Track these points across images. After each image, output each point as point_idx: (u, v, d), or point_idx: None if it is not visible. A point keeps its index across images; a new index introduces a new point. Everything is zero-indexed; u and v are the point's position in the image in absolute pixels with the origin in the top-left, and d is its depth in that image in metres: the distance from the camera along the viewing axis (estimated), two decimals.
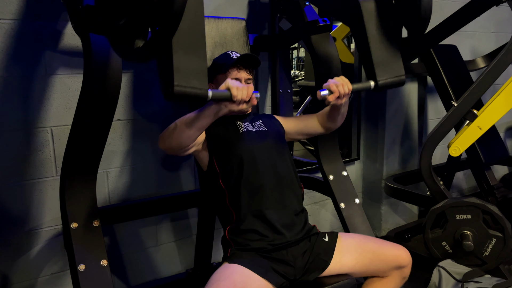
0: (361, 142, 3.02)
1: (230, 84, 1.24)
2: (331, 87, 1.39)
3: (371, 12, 1.40)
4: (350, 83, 1.40)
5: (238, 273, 1.37)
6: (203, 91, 1.13)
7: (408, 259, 1.57)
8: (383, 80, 1.39)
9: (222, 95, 1.22)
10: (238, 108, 1.27)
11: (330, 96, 1.38)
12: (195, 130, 1.35)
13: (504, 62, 2.13)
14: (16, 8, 1.72)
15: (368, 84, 1.40)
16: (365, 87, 1.41)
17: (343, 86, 1.39)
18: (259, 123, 1.67)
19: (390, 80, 1.41)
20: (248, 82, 1.63)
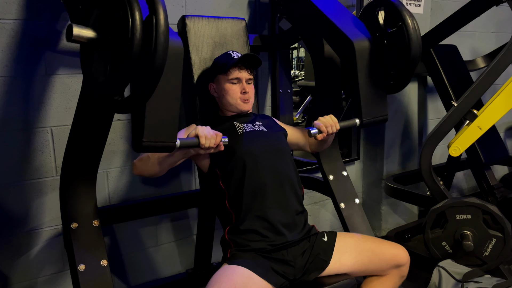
0: (361, 142, 3.02)
1: (199, 132, 1.32)
2: (321, 128, 1.56)
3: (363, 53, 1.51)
4: (338, 123, 1.57)
5: (238, 274, 1.36)
6: (170, 144, 1.23)
7: (406, 258, 1.58)
8: (367, 120, 1.56)
9: (190, 143, 1.32)
10: (205, 153, 1.38)
11: (319, 136, 1.57)
12: (166, 166, 1.45)
13: (504, 62, 2.13)
14: (16, 8, 1.72)
15: (353, 122, 1.57)
16: (351, 125, 1.58)
17: (332, 127, 1.57)
18: (259, 124, 1.67)
19: (373, 119, 1.57)
20: (249, 82, 1.63)
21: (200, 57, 1.79)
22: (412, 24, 1.45)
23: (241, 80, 1.61)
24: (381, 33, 1.57)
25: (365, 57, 1.51)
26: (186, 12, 2.10)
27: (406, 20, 1.45)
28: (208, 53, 1.81)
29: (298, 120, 4.55)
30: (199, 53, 1.78)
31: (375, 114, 1.57)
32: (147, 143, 1.18)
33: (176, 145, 1.25)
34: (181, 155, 1.42)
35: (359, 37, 1.51)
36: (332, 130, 1.57)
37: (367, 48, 1.51)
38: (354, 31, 1.53)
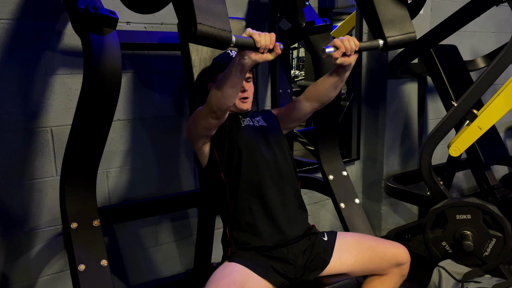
0: (361, 142, 3.02)
1: (251, 31, 1.20)
2: (336, 42, 1.31)
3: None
4: (356, 40, 1.32)
5: (238, 272, 1.37)
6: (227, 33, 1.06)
7: (406, 257, 1.58)
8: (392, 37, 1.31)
9: (246, 42, 1.15)
10: (263, 57, 1.22)
11: (336, 52, 1.29)
12: (228, 88, 1.31)
13: (504, 62, 2.13)
14: (16, 8, 1.72)
15: (376, 43, 1.32)
16: (373, 46, 1.33)
17: (349, 41, 1.31)
18: (258, 119, 1.67)
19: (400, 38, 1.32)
20: (248, 80, 1.63)
21: (200, 57, 1.79)
22: None
23: None
24: None
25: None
26: None
27: None
28: (208, 53, 1.81)
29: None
30: (199, 53, 1.78)
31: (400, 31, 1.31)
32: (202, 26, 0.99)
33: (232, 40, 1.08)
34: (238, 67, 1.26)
35: None
36: (350, 45, 1.30)
37: None
38: None
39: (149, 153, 2.13)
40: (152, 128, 2.12)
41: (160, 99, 2.12)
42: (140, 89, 2.06)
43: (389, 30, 1.30)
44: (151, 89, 2.09)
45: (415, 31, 1.35)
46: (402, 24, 1.33)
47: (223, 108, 1.38)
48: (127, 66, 2.00)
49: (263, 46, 1.20)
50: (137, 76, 2.04)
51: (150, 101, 2.09)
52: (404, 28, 1.33)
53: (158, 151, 2.15)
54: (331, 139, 2.00)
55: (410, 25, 1.34)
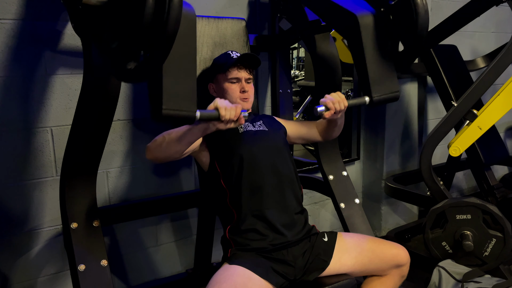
0: (361, 142, 3.02)
1: (218, 104, 1.26)
2: (327, 104, 1.44)
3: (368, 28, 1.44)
4: (346, 100, 1.46)
5: (239, 274, 1.37)
6: (190, 113, 1.17)
7: (406, 258, 1.58)
8: (377, 97, 1.46)
9: (210, 115, 1.26)
10: (226, 127, 1.30)
11: (326, 113, 1.44)
12: (183, 145, 1.38)
13: (504, 62, 2.13)
14: (16, 8, 1.72)
15: (363, 100, 1.46)
16: (361, 103, 1.47)
17: (339, 103, 1.44)
18: (259, 123, 1.67)
19: (384, 97, 1.47)
20: (248, 81, 1.63)
21: (200, 57, 1.79)
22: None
23: (240, 79, 1.61)
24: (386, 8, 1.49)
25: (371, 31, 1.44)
26: None
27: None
28: (208, 53, 1.81)
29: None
30: (199, 53, 1.78)
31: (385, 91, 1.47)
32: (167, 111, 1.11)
33: (196, 117, 1.19)
34: (200, 132, 1.35)
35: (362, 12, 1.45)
36: (340, 107, 1.45)
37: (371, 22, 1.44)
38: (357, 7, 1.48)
39: None
40: (152, 128, 2.12)
41: None
42: (140, 89, 2.06)
43: (376, 90, 1.45)
44: None
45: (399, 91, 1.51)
46: (388, 84, 1.48)
47: (170, 159, 1.43)
48: None
49: (227, 120, 1.27)
50: None
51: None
52: (389, 88, 1.48)
53: None
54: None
55: (395, 85, 1.50)
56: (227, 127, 1.31)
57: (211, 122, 1.30)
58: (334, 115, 1.47)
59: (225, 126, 1.30)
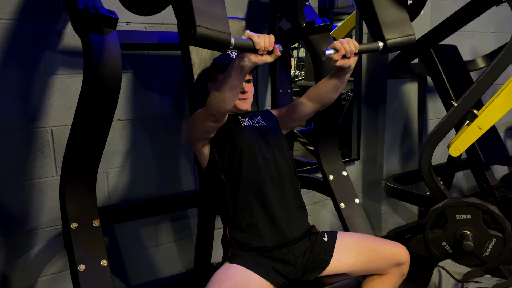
0: (361, 142, 3.02)
1: (250, 33, 1.20)
2: (335, 45, 1.31)
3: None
4: (356, 42, 1.33)
5: (239, 274, 1.37)
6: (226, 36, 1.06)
7: (406, 256, 1.59)
8: (391, 40, 1.32)
9: (245, 44, 1.15)
10: (262, 59, 1.22)
11: (335, 55, 1.29)
12: (227, 91, 1.31)
13: (504, 62, 2.13)
14: (16, 8, 1.72)
15: (376, 45, 1.33)
16: (373, 48, 1.34)
17: (349, 43, 1.32)
18: (258, 119, 1.67)
19: (399, 40, 1.33)
20: (248, 82, 1.63)
21: (200, 57, 1.79)
22: None
23: None
24: None
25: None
26: None
27: None
28: (208, 53, 1.81)
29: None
30: (199, 53, 1.78)
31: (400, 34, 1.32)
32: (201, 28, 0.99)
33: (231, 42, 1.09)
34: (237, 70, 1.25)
35: None
36: (350, 47, 1.31)
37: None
38: None
39: (149, 153, 2.13)
40: (152, 128, 2.12)
41: (160, 99, 2.12)
42: (140, 89, 2.06)
43: (388, 32, 1.31)
44: (151, 89, 2.09)
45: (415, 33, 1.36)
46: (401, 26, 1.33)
47: (222, 111, 1.38)
48: (127, 66, 2.00)
49: (263, 48, 1.20)
50: (137, 76, 2.04)
51: (150, 101, 2.09)
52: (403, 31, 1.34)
53: (158, 151, 2.15)
54: (331, 139, 2.00)
55: (409, 27, 1.35)
56: (263, 61, 1.23)
57: (246, 56, 1.21)
58: (345, 59, 1.33)
59: (261, 59, 1.22)
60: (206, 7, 1.02)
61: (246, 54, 1.22)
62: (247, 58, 1.22)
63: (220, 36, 1.05)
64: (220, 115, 1.40)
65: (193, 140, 1.55)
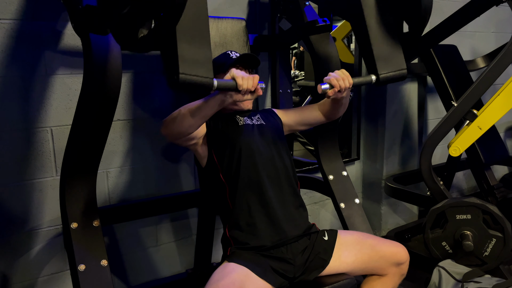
0: (361, 142, 3.02)
1: (235, 73, 1.23)
2: (331, 81, 1.37)
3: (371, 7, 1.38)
4: (350, 77, 1.39)
5: (237, 272, 1.37)
6: (208, 80, 1.12)
7: (406, 256, 1.59)
8: (384, 74, 1.38)
9: (227, 85, 1.21)
10: (243, 98, 1.27)
11: (330, 91, 1.37)
12: (198, 118, 1.35)
13: (504, 62, 2.13)
14: (16, 8, 1.72)
15: (369, 78, 1.39)
16: (366, 82, 1.40)
17: (344, 80, 1.38)
18: (257, 117, 1.67)
19: (391, 74, 1.39)
20: None
21: None
22: None
23: None
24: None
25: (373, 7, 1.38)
26: None
27: None
28: None
29: None
30: None
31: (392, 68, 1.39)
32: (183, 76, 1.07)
33: (213, 85, 1.15)
34: (216, 103, 1.31)
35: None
36: (344, 84, 1.38)
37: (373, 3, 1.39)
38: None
39: (149, 153, 2.13)
40: (152, 128, 2.12)
41: (160, 99, 2.11)
42: (140, 89, 2.06)
43: (382, 67, 1.38)
44: (151, 89, 2.09)
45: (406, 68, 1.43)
46: (394, 61, 1.40)
47: (184, 135, 1.40)
48: (127, 66, 2.00)
49: (245, 89, 1.24)
50: (137, 76, 2.04)
51: (150, 101, 2.09)
52: (396, 65, 1.40)
53: (158, 151, 2.15)
54: (331, 139, 2.00)
55: (402, 62, 1.41)
56: (244, 99, 1.28)
57: (228, 93, 1.26)
58: (338, 93, 1.41)
59: (243, 98, 1.27)
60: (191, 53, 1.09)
61: (229, 92, 1.27)
62: (229, 95, 1.28)
63: (202, 81, 1.11)
64: (180, 137, 1.41)
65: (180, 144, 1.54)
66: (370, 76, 1.39)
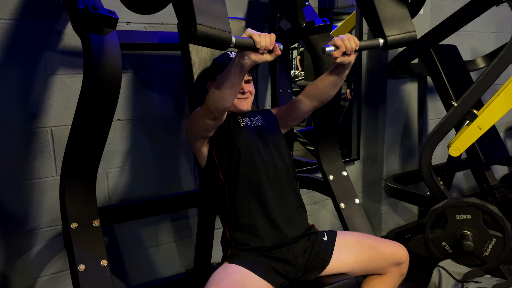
0: (361, 142, 3.02)
1: (251, 31, 1.20)
2: (336, 42, 1.31)
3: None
4: (357, 39, 1.32)
5: (238, 273, 1.37)
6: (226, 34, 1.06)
7: (406, 256, 1.59)
8: (392, 36, 1.31)
9: (245, 42, 1.15)
10: (262, 58, 1.22)
11: (336, 52, 1.29)
12: (227, 89, 1.31)
13: (504, 62, 2.13)
14: (16, 8, 1.72)
15: (376, 42, 1.33)
16: (374, 45, 1.34)
17: (350, 40, 1.31)
18: (256, 118, 1.67)
19: (400, 36, 1.32)
20: (248, 82, 1.63)
21: (200, 57, 1.79)
22: None
23: None
24: None
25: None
26: None
27: None
28: (208, 53, 1.81)
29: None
30: (199, 53, 1.78)
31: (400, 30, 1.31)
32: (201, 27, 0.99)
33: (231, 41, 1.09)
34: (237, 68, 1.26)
35: None
36: (351, 45, 1.30)
37: None
38: None
39: (149, 153, 2.13)
40: (152, 128, 2.12)
41: (160, 99, 2.12)
42: (140, 89, 2.06)
43: (389, 29, 1.31)
44: (151, 89, 2.09)
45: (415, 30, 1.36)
46: (402, 23, 1.33)
47: (220, 109, 1.38)
48: (127, 66, 2.00)
49: (263, 47, 1.20)
50: (137, 76, 2.04)
51: (150, 101, 2.09)
52: (404, 27, 1.33)
53: (158, 151, 2.15)
54: (331, 139, 2.00)
55: (410, 24, 1.34)
56: (263, 60, 1.23)
57: (246, 55, 1.21)
58: (345, 56, 1.33)
59: (261, 57, 1.22)
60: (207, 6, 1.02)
61: (246, 53, 1.22)
62: (247, 56, 1.23)
63: (220, 35, 1.04)
64: (218, 113, 1.40)
65: (192, 138, 1.55)
66: (378, 39, 1.32)
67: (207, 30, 1.01)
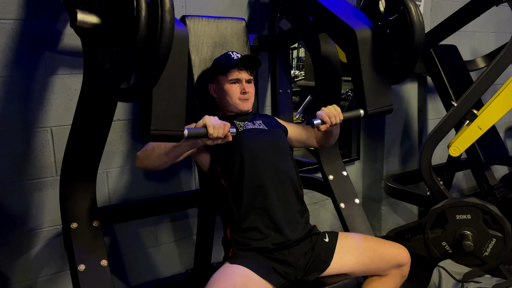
0: (361, 142, 3.02)
1: (207, 122, 1.30)
2: (324, 118, 1.48)
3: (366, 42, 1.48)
4: (341, 114, 1.50)
5: (239, 273, 1.37)
6: (178, 132, 1.20)
7: (407, 258, 1.59)
8: (372, 110, 1.50)
9: (198, 133, 1.30)
10: (213, 143, 1.35)
11: (322, 126, 1.49)
12: (171, 157, 1.42)
13: (504, 62, 2.13)
14: (16, 8, 1.72)
15: (358, 113, 1.51)
16: (356, 116, 1.52)
17: (335, 117, 1.49)
18: (259, 122, 1.67)
19: (378, 110, 1.52)
20: (249, 82, 1.63)
21: (200, 57, 1.79)
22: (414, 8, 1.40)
23: (241, 80, 1.61)
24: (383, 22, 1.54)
25: (368, 45, 1.48)
26: (186, 12, 2.10)
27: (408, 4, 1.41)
28: (208, 53, 1.81)
29: (298, 120, 4.55)
30: (199, 53, 1.78)
31: (380, 104, 1.52)
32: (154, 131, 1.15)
33: (184, 135, 1.23)
34: (188, 146, 1.40)
35: (360, 26, 1.49)
36: (335, 120, 1.49)
37: (369, 37, 1.48)
38: (355, 20, 1.51)
39: None
40: None
41: None
42: None
43: (370, 103, 1.50)
44: None
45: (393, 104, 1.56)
46: (382, 97, 1.53)
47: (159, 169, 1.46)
48: None
49: (214, 137, 1.31)
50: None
51: None
52: (383, 102, 1.53)
53: None
54: None
55: (389, 98, 1.54)
56: (214, 143, 1.35)
57: (199, 138, 1.34)
58: (330, 128, 1.53)
59: (213, 143, 1.34)
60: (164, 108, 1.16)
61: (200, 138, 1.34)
62: (200, 140, 1.35)
63: (172, 134, 1.19)
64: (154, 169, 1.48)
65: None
66: (359, 110, 1.51)
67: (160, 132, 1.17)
